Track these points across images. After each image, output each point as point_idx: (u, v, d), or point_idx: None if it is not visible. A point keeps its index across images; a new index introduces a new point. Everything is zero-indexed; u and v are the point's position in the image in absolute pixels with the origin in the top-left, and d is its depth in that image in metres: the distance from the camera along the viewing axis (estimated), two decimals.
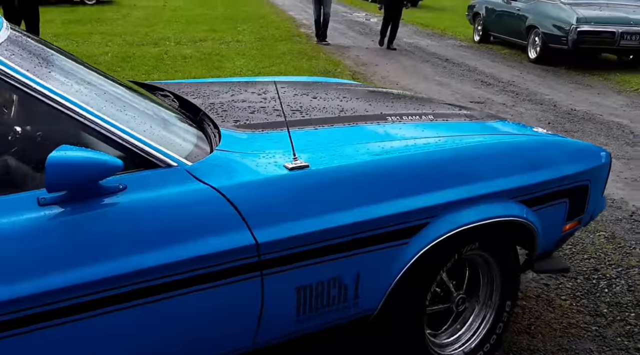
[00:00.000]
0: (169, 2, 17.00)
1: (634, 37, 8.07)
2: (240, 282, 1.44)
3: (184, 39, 10.08)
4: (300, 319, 1.60)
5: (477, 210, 1.80)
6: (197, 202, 1.40)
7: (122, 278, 1.27)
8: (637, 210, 3.58)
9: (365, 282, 1.66)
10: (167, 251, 1.32)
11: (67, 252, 1.24)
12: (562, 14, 8.40)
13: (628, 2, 9.03)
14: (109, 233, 1.29)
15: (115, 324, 1.30)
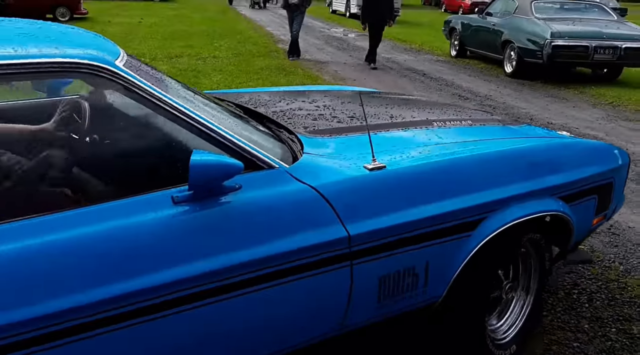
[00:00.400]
0: (144, 18, 16.92)
1: (608, 51, 8.22)
2: (333, 271, 1.60)
3: (159, 55, 9.99)
4: (380, 305, 1.76)
5: (527, 205, 1.98)
6: (298, 200, 1.57)
7: (240, 267, 1.43)
8: (615, 223, 3.57)
9: (433, 271, 1.83)
10: (274, 244, 1.49)
11: (196, 244, 1.40)
12: (537, 28, 8.54)
13: (600, 17, 9.22)
14: (229, 227, 1.46)
15: (228, 310, 1.45)
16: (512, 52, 9.10)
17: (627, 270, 3.02)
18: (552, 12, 9.27)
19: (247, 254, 1.45)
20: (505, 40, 9.22)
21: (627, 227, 3.53)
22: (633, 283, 2.88)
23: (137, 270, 1.31)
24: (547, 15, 9.02)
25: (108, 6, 20.74)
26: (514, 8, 9.53)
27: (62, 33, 1.69)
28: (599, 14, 9.35)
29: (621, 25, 9.03)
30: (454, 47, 11.58)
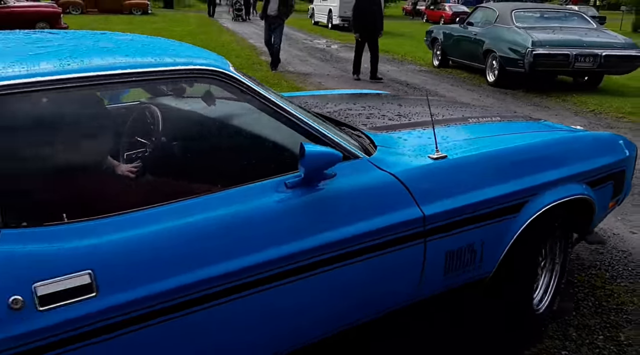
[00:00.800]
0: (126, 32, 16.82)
1: (588, 59, 8.31)
2: (411, 248, 1.86)
3: None
4: (445, 278, 2.04)
5: (561, 190, 2.26)
6: (381, 185, 1.83)
7: (339, 243, 1.68)
8: (600, 230, 3.58)
9: (487, 249, 2.10)
10: (364, 223, 1.73)
11: (306, 221, 1.65)
12: (518, 37, 8.63)
13: (580, 25, 9.32)
14: (331, 208, 1.71)
15: (334, 279, 1.70)
16: (493, 61, 9.19)
17: (613, 276, 3.03)
18: (532, 21, 9.37)
19: (343, 231, 1.69)
20: (487, 49, 9.31)
21: (612, 234, 3.56)
22: (619, 290, 2.88)
23: (262, 244, 1.55)
24: (528, 24, 9.11)
25: (88, 20, 20.61)
26: (494, 17, 9.63)
27: (176, 45, 1.95)
28: (579, 23, 9.46)
29: (601, 33, 9.14)
30: (437, 57, 11.68)
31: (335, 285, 1.74)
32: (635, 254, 3.30)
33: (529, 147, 2.34)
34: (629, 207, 4.00)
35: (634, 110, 7.25)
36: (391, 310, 2.00)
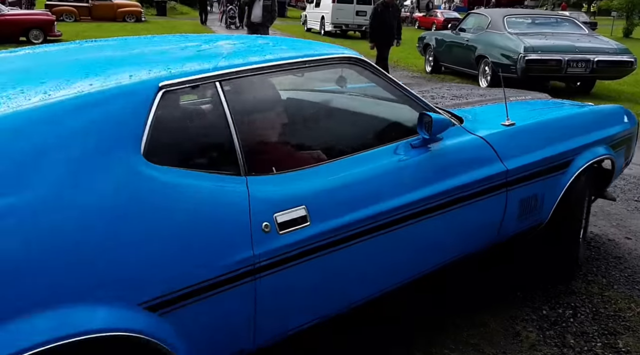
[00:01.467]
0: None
1: (580, 64, 8.33)
2: (497, 196, 2.41)
3: None
4: (518, 222, 2.60)
5: (595, 150, 2.82)
6: (474, 146, 2.37)
7: (449, 191, 2.21)
8: (595, 237, 3.60)
9: (546, 198, 2.66)
10: (462, 176, 2.26)
11: (426, 174, 2.18)
12: (510, 43, 8.65)
13: (572, 31, 9.33)
14: (443, 164, 2.24)
15: (442, 222, 2.23)
16: (486, 67, 9.21)
17: (610, 283, 3.03)
18: (524, 27, 9.41)
19: (449, 182, 2.21)
20: (479, 55, 9.34)
21: (607, 240, 3.56)
22: (616, 296, 2.88)
23: (404, 189, 2.09)
24: (520, 30, 9.14)
25: (82, 28, 20.54)
26: (486, 23, 9.66)
27: (315, 43, 2.36)
28: (571, 28, 9.48)
29: (592, 38, 9.16)
30: (429, 63, 11.72)
31: (452, 224, 2.30)
32: (631, 259, 3.30)
33: (569, 117, 2.97)
34: (623, 212, 4.01)
35: None
36: (477, 251, 2.56)
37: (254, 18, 9.45)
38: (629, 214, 4.00)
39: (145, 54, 1.97)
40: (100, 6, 25.05)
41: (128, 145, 1.52)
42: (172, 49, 2.10)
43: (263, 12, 9.35)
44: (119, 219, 1.44)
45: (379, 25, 9.02)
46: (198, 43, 2.17)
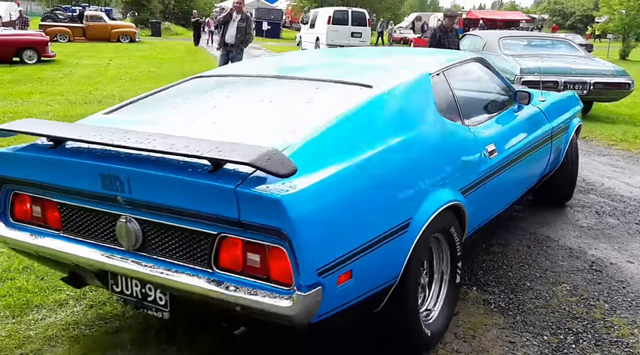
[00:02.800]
0: (113, 59, 16.79)
1: (577, 86, 8.19)
2: (547, 143, 3.84)
3: (128, 96, 9.80)
4: (553, 161, 4.12)
5: (577, 120, 4.48)
6: (537, 112, 3.80)
7: (537, 138, 3.67)
8: (597, 260, 3.53)
9: (562, 148, 4.20)
10: (538, 130, 3.68)
11: (526, 127, 3.58)
12: (507, 65, 8.57)
13: (568, 53, 9.24)
14: (530, 123, 3.65)
15: (534, 158, 3.69)
16: None
17: (612, 308, 2.96)
18: (520, 48, 9.33)
19: (536, 133, 3.63)
20: None
21: (609, 264, 3.49)
22: (619, 322, 2.81)
23: (522, 136, 3.47)
24: (515, 51, 9.06)
25: (76, 48, 20.58)
26: (482, 45, 9.60)
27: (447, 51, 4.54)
28: (567, 50, 9.40)
29: (589, 60, 9.09)
30: None
31: (536, 158, 3.70)
32: (634, 284, 3.24)
33: (563, 99, 4.46)
34: (625, 235, 3.96)
35: (625, 138, 7.24)
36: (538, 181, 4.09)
37: (228, 39, 9.25)
38: (631, 237, 3.95)
39: (402, 56, 3.92)
40: (94, 27, 25.17)
41: (433, 104, 2.69)
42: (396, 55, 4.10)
43: (237, 33, 9.17)
44: (440, 144, 2.66)
45: (437, 45, 8.25)
46: (412, 54, 4.55)
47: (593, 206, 4.59)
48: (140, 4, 35.29)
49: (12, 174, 2.30)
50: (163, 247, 2.04)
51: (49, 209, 2.30)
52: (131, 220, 2.05)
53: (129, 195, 2.00)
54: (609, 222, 4.23)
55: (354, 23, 21.37)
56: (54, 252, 2.26)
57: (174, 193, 1.92)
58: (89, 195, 2.12)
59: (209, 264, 1.95)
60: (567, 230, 4.04)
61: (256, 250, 1.86)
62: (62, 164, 2.16)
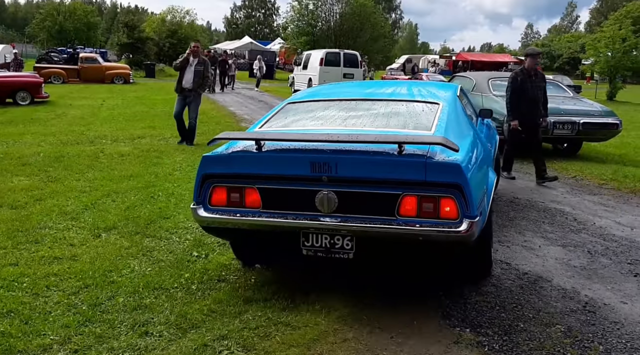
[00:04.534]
0: (106, 100, 16.92)
1: (566, 126, 8.35)
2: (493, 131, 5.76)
3: (121, 136, 9.88)
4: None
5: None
6: (489, 122, 5.62)
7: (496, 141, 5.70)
8: (590, 300, 3.50)
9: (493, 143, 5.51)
10: (495, 135, 5.87)
11: (490, 133, 5.40)
12: (496, 105, 8.66)
13: (557, 93, 9.39)
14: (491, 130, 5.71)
15: None
16: None
17: (607, 350, 2.92)
18: None
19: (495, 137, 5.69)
20: None
21: (603, 304, 3.46)
22: None
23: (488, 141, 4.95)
24: (504, 92, 9.24)
25: (70, 89, 20.75)
26: (472, 86, 9.78)
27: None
28: (555, 91, 9.52)
29: (577, 101, 9.27)
30: None
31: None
32: (628, 325, 3.20)
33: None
34: (617, 275, 3.94)
35: (615, 177, 7.30)
36: None
37: (185, 83, 8.96)
38: (624, 277, 3.92)
39: (409, 90, 4.39)
40: (89, 68, 25.44)
41: (465, 111, 4.22)
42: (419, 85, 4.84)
43: (194, 77, 9.00)
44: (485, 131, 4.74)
45: (519, 98, 6.98)
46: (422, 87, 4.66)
47: (585, 245, 4.59)
48: (135, 46, 35.86)
49: (220, 171, 3.28)
50: (354, 208, 3.08)
51: (248, 194, 3.23)
52: (330, 192, 3.07)
53: (335, 174, 3.04)
54: (601, 261, 4.21)
55: (346, 64, 21.78)
56: (256, 223, 3.20)
57: (371, 169, 3.03)
58: (294, 179, 3.12)
59: (394, 213, 3.03)
60: (560, 270, 4.02)
61: (429, 200, 2.99)
62: (272, 159, 3.18)
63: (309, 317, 3.15)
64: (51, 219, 4.80)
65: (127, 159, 7.77)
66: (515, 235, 4.81)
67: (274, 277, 3.71)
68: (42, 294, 3.37)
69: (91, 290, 3.43)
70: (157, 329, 3.00)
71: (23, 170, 6.75)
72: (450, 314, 3.26)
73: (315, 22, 36.26)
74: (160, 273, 3.71)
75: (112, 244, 4.26)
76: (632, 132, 12.25)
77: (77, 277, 3.60)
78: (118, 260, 3.93)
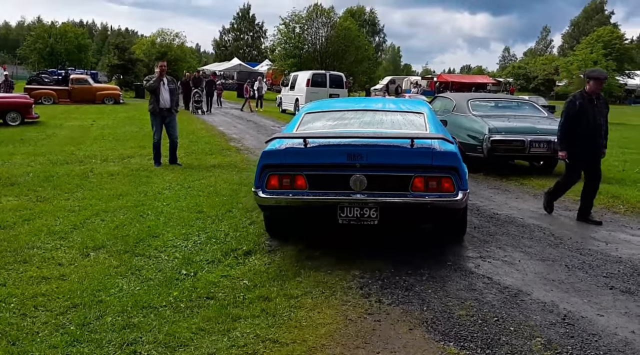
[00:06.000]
0: (97, 121, 16.96)
1: (542, 145, 8.66)
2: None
3: (111, 156, 9.93)
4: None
5: None
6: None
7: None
8: (569, 313, 3.60)
9: None
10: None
11: None
12: (476, 125, 9.04)
13: (533, 114, 9.83)
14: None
15: None
16: None
17: None
18: (487, 109, 9.90)
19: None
20: None
21: (581, 317, 3.56)
22: None
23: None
24: (483, 112, 9.59)
25: (60, 110, 20.77)
26: (452, 106, 10.14)
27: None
28: (531, 111, 10.00)
29: (552, 121, 9.55)
30: None
31: None
32: (605, 337, 3.29)
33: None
34: (594, 288, 4.05)
35: None
36: None
37: (163, 103, 8.92)
38: (600, 289, 4.04)
39: (396, 104, 5.78)
40: (79, 89, 25.51)
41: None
42: (389, 101, 6.20)
43: (171, 96, 9.04)
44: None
45: (576, 124, 5.94)
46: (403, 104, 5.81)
47: (563, 260, 4.71)
48: (125, 67, 36.02)
49: (276, 162, 4.40)
50: (379, 186, 4.25)
51: (297, 179, 4.34)
52: (361, 175, 4.23)
53: (365, 161, 4.23)
54: (578, 275, 4.33)
55: (332, 85, 22.21)
56: (305, 200, 4.33)
57: (392, 157, 4.26)
58: (334, 166, 4.30)
59: (408, 189, 4.24)
60: (539, 283, 4.12)
61: (433, 180, 4.22)
62: (317, 151, 4.34)
63: (296, 334, 3.22)
64: (39, 239, 4.84)
65: (117, 178, 7.82)
66: (496, 250, 4.92)
67: (263, 293, 3.78)
68: (30, 314, 3.39)
69: (79, 310, 3.46)
70: (146, 348, 3.03)
71: (12, 191, 6.77)
72: (435, 328, 3.34)
73: (302, 45, 36.78)
74: (149, 292, 3.75)
75: (100, 263, 4.30)
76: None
77: (66, 297, 3.63)
78: (106, 279, 3.97)
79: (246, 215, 5.83)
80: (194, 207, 6.12)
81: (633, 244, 5.26)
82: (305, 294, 3.81)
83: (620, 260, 4.72)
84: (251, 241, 4.91)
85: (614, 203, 6.99)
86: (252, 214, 5.83)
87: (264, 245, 4.85)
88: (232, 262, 4.40)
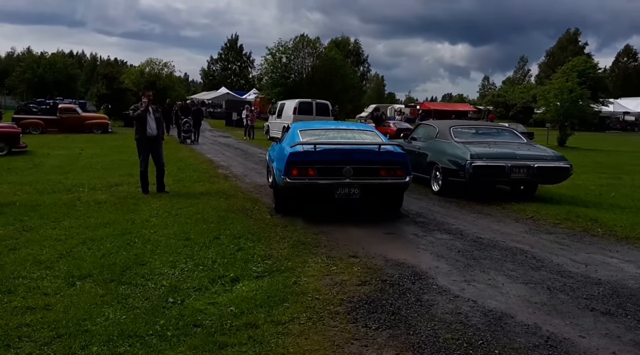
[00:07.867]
0: (85, 149, 16.96)
1: (522, 170, 8.89)
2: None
3: (98, 184, 9.93)
4: None
5: None
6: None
7: None
8: (552, 335, 3.65)
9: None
10: None
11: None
12: (458, 151, 9.27)
13: (512, 140, 10.13)
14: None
15: None
16: (437, 172, 9.76)
17: None
18: (469, 136, 10.18)
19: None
20: (430, 162, 9.97)
21: (563, 339, 3.61)
22: None
23: None
24: (465, 139, 9.87)
25: (49, 139, 20.74)
26: (435, 133, 10.43)
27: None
28: (511, 137, 10.30)
29: (531, 147, 9.91)
30: None
31: None
32: None
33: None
34: (575, 310, 4.12)
35: (568, 217, 7.66)
36: None
37: (151, 131, 9.02)
38: (581, 312, 4.11)
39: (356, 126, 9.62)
40: (67, 118, 25.52)
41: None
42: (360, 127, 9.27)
43: (157, 124, 9.16)
44: None
45: None
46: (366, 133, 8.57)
47: (544, 282, 4.78)
48: (114, 97, 36.14)
49: (298, 159, 7.01)
50: (360, 174, 7.07)
51: (310, 170, 7.00)
52: (350, 167, 7.02)
53: (352, 159, 7.09)
54: (560, 297, 4.40)
55: (318, 113, 22.52)
56: (314, 182, 7.01)
57: (369, 156, 7.26)
58: (333, 162, 7.02)
59: (378, 175, 7.16)
60: (522, 306, 4.19)
61: (392, 170, 7.19)
62: (323, 153, 7.07)
63: None
64: (25, 269, 4.82)
65: (104, 206, 7.83)
66: (480, 273, 4.99)
67: (250, 320, 3.80)
68: (14, 345, 3.36)
69: (64, 340, 3.44)
70: None
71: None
72: (421, 352, 3.37)
73: (288, 74, 37.35)
74: (135, 320, 3.75)
75: (86, 292, 4.29)
76: (582, 175, 12.90)
77: (51, 327, 3.61)
78: (92, 308, 3.96)
79: (234, 241, 5.86)
80: (182, 235, 6.14)
81: (611, 266, 5.37)
82: (293, 320, 3.83)
83: (599, 282, 4.82)
84: (239, 268, 4.94)
85: (592, 226, 7.13)
86: (239, 241, 5.87)
87: (251, 271, 4.88)
88: (219, 289, 4.41)
